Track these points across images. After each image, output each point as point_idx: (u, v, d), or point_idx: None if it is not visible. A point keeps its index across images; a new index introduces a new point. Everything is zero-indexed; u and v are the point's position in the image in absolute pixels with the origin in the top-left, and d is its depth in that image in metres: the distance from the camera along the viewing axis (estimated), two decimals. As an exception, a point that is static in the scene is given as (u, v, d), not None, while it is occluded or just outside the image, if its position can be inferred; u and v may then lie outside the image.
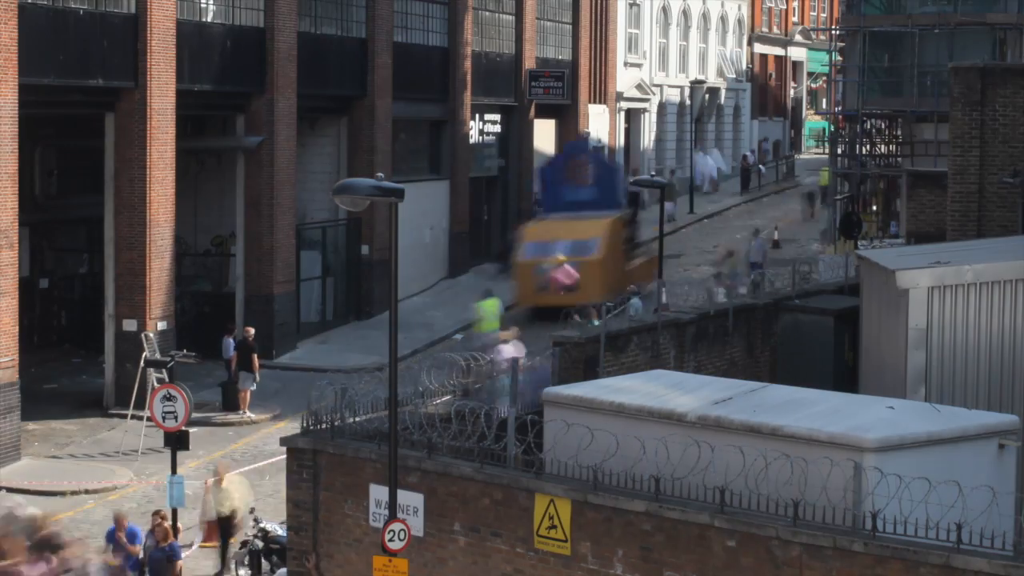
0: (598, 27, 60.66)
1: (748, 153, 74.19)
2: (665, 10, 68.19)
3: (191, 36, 37.69)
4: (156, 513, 24.03)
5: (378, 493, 18.77)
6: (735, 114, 75.48)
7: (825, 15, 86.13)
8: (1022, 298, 21.91)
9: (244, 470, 29.71)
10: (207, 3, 38.89)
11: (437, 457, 18.64)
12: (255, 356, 35.28)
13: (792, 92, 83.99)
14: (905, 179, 41.25)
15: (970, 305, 22.05)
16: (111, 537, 23.86)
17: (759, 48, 78.27)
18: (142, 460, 31.70)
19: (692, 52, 70.85)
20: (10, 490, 29.72)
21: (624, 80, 63.73)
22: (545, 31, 56.93)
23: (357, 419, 20.08)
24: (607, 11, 61.30)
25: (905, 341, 22.09)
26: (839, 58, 54.92)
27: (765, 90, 79.46)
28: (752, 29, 77.12)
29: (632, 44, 65.25)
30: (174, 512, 24.56)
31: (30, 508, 12.69)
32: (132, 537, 23.75)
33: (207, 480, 27.66)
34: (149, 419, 27.96)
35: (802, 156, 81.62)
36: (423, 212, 47.31)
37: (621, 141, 64.02)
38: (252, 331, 36.01)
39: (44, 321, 41.70)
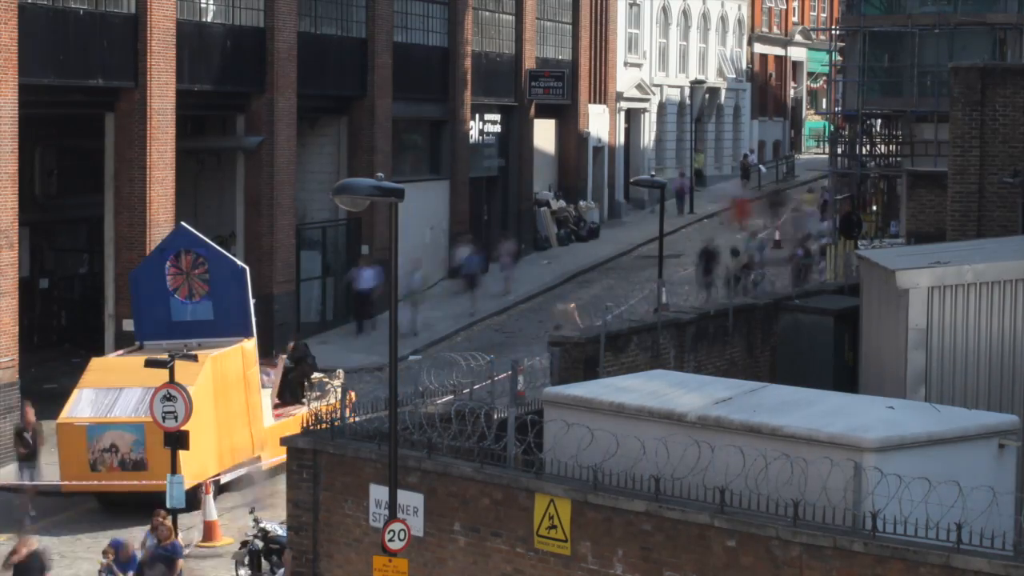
0: (598, 27, 60.67)
1: (748, 152, 74.24)
2: (665, 10, 68.20)
3: (191, 36, 37.69)
4: (157, 513, 24.02)
5: (378, 493, 18.78)
6: (735, 114, 75.51)
7: (825, 15, 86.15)
8: (1022, 298, 21.91)
9: (238, 473, 29.75)
10: (207, 3, 38.90)
11: (437, 457, 18.65)
12: None
13: (792, 92, 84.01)
14: (905, 179, 41.27)
15: (970, 305, 22.05)
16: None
17: (759, 48, 78.28)
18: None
19: (692, 52, 70.87)
20: (10, 490, 29.71)
21: (624, 80, 63.73)
22: (545, 31, 56.93)
23: (357, 419, 20.10)
24: (607, 11, 61.30)
25: (905, 341, 22.09)
26: (839, 58, 54.93)
27: (765, 90, 79.48)
28: (752, 29, 77.13)
29: (632, 44, 65.25)
30: (174, 512, 24.57)
31: None
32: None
33: (206, 481, 27.72)
34: None
35: (802, 156, 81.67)
36: (423, 212, 47.31)
37: (621, 141, 64.04)
38: None
39: (44, 321, 41.70)
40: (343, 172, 44.28)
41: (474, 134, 52.00)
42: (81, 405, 28.35)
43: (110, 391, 28.66)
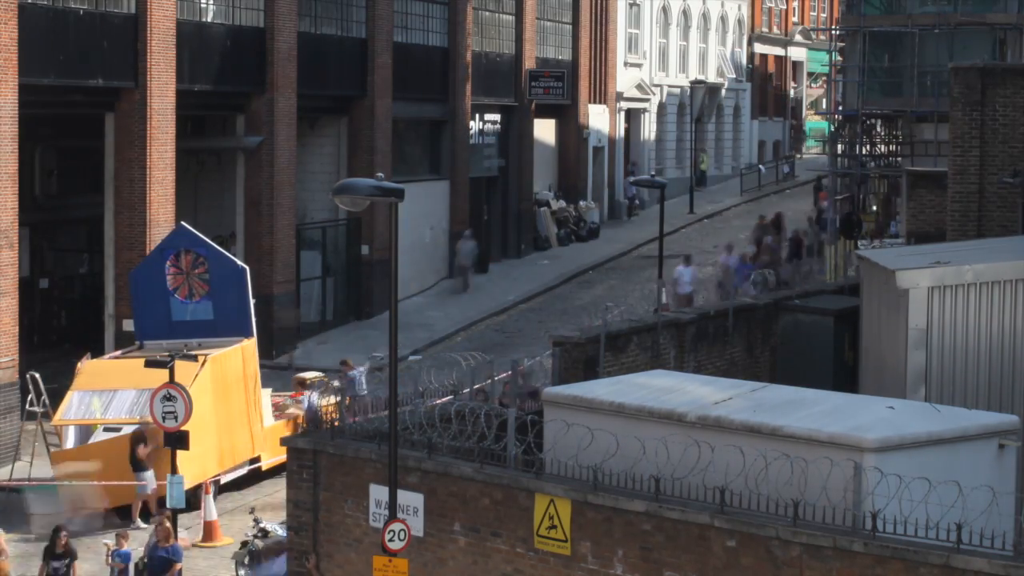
0: (598, 27, 60.66)
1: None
2: (665, 10, 68.18)
3: (191, 36, 37.69)
4: (160, 512, 24.03)
5: (378, 493, 18.79)
6: (735, 114, 75.49)
7: (825, 15, 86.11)
8: (1022, 298, 21.91)
9: (238, 473, 29.75)
10: (207, 3, 38.89)
11: (437, 457, 18.65)
12: None
13: (792, 92, 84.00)
14: (905, 179, 41.26)
15: (970, 305, 22.05)
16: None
17: (759, 48, 78.26)
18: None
19: (692, 52, 70.85)
20: (10, 490, 29.71)
21: (624, 80, 63.72)
22: (545, 31, 56.93)
23: (357, 419, 20.10)
24: (607, 11, 61.29)
25: (905, 341, 22.09)
26: (839, 58, 54.91)
27: (765, 90, 79.47)
28: (752, 29, 77.11)
29: (632, 44, 65.24)
30: (174, 512, 24.56)
31: None
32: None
33: (206, 481, 27.72)
34: None
35: (802, 156, 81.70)
36: (423, 212, 47.30)
37: (621, 141, 64.04)
38: None
39: (44, 321, 41.69)
40: (343, 172, 44.28)
41: (474, 134, 51.99)
42: (74, 408, 28.19)
43: (104, 393, 28.58)
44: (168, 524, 23.49)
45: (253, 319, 30.73)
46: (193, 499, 27.09)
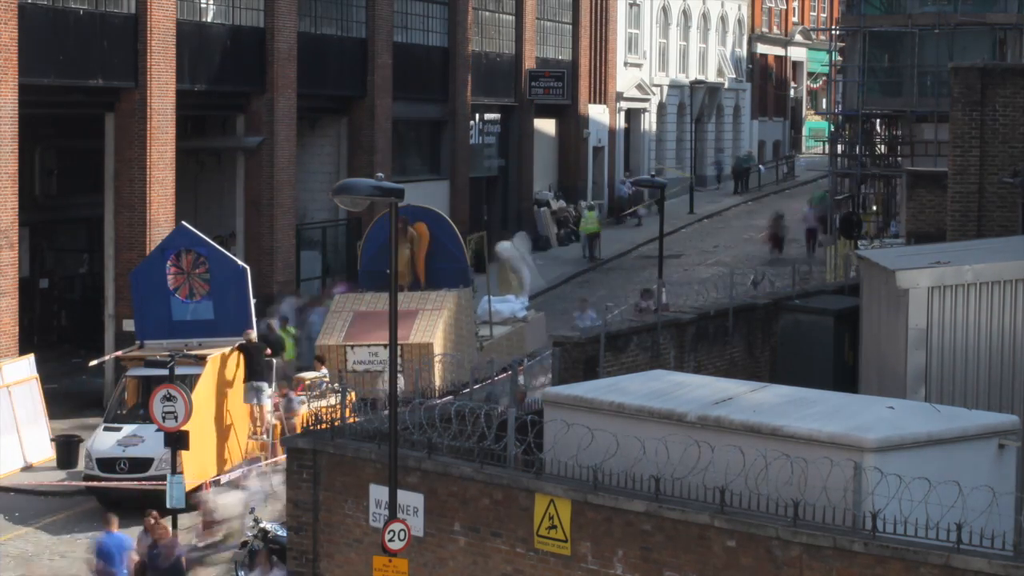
0: (598, 27, 60.68)
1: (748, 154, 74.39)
2: (665, 10, 68.20)
3: (191, 36, 37.71)
4: (148, 513, 23.97)
5: (378, 493, 18.78)
6: (735, 114, 75.51)
7: (825, 15, 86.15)
8: (1022, 298, 21.91)
9: (238, 473, 29.73)
10: (207, 3, 38.91)
11: (437, 457, 18.64)
12: None
13: (792, 92, 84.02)
14: (905, 179, 41.27)
15: (970, 305, 22.05)
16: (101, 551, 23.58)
17: (759, 48, 78.29)
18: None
19: (692, 52, 70.87)
20: (11, 490, 29.74)
21: (624, 80, 63.73)
22: (545, 31, 56.95)
23: (357, 419, 20.10)
24: (607, 11, 61.31)
25: (905, 341, 22.09)
26: (839, 58, 54.95)
27: (765, 90, 79.48)
28: (752, 29, 77.14)
29: (632, 44, 65.25)
30: (174, 512, 24.55)
31: None
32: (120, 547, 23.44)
33: (207, 482, 27.71)
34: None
35: (803, 156, 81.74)
36: (423, 212, 47.26)
37: (621, 141, 64.04)
38: None
39: (44, 321, 41.67)
40: (343, 172, 44.29)
41: (474, 134, 51.99)
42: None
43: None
44: (164, 523, 23.44)
45: (254, 319, 30.78)
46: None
